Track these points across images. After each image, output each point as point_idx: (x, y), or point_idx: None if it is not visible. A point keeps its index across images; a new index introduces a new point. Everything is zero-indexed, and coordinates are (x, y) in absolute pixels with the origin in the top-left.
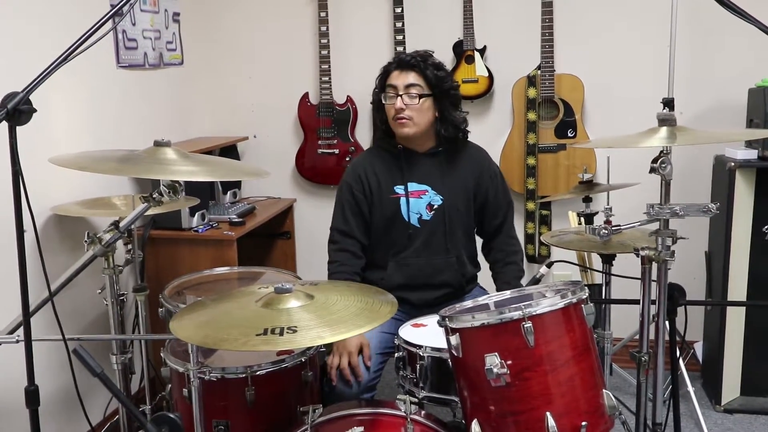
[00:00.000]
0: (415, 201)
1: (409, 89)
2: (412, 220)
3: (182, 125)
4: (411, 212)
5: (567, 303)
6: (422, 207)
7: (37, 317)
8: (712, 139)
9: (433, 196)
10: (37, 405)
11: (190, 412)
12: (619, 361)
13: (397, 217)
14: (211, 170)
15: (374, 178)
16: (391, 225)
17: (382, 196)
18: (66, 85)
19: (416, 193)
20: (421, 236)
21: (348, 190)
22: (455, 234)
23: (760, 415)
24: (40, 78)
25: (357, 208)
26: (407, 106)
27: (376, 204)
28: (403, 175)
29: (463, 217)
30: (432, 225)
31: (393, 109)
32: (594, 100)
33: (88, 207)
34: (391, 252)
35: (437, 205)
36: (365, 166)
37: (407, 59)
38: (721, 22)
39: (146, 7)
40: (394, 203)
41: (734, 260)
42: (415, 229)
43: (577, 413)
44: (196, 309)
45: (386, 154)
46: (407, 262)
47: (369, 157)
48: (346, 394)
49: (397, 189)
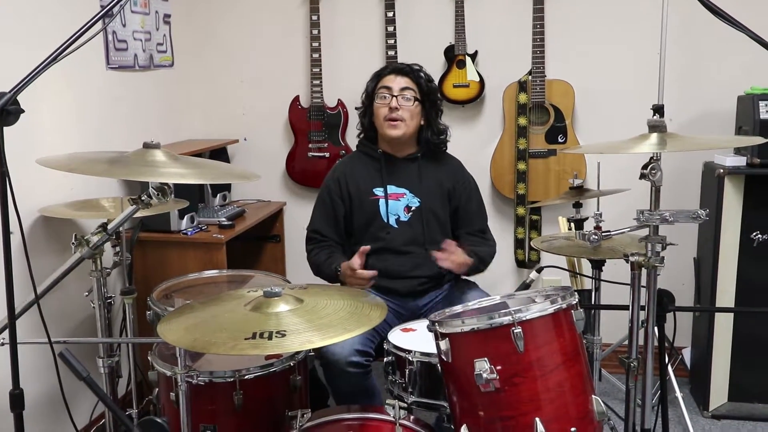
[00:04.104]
0: (393, 203)
1: (404, 92)
2: (390, 221)
3: (172, 127)
4: (390, 214)
5: (557, 308)
6: (400, 209)
7: (23, 320)
8: (702, 145)
9: (411, 198)
10: (22, 409)
11: (177, 417)
12: (608, 367)
13: (376, 217)
14: (201, 173)
15: (354, 182)
16: (371, 224)
17: (362, 198)
18: (55, 85)
19: (395, 195)
20: (399, 236)
21: (327, 193)
22: (433, 233)
23: (747, 421)
24: (29, 78)
25: (332, 211)
26: (401, 107)
27: (356, 205)
28: (383, 179)
29: (440, 219)
30: (409, 225)
31: (387, 108)
32: (584, 106)
33: (76, 209)
34: (373, 250)
35: (414, 207)
36: (346, 171)
37: (402, 66)
38: (711, 29)
39: (137, 9)
40: (374, 204)
41: (723, 266)
42: (393, 230)
43: (566, 419)
44: (185, 312)
45: (367, 158)
46: (386, 257)
47: (351, 162)
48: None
49: (377, 191)
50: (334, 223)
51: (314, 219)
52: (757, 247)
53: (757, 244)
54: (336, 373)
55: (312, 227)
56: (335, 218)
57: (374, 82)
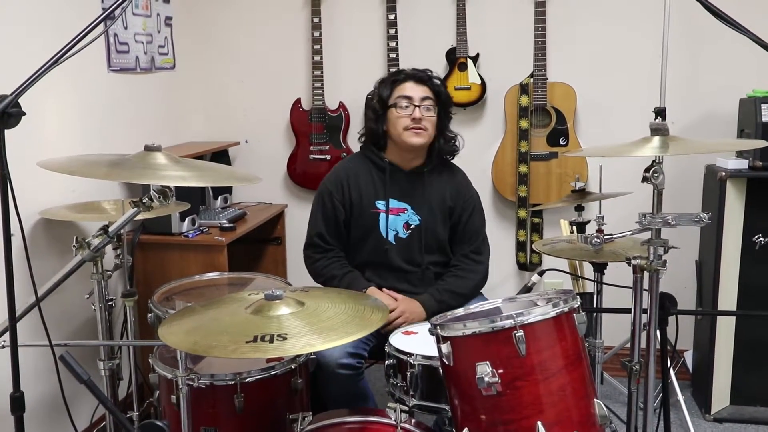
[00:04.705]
0: (393, 218)
1: (424, 101)
2: (389, 236)
3: (173, 130)
4: (389, 229)
5: (559, 312)
6: (399, 225)
7: (24, 322)
8: (704, 148)
9: (411, 215)
10: (23, 411)
11: (178, 419)
12: (610, 370)
13: (374, 231)
14: (202, 175)
15: (356, 189)
16: (368, 237)
17: (363, 208)
18: (56, 88)
19: (396, 210)
20: (397, 253)
21: (328, 196)
22: (431, 253)
23: (749, 425)
24: (30, 81)
25: (334, 216)
26: (424, 117)
27: (356, 215)
28: (386, 191)
29: (439, 239)
30: (408, 243)
31: (408, 119)
32: (586, 108)
33: (77, 211)
34: (368, 264)
35: (414, 225)
36: (349, 174)
37: (421, 74)
38: (713, 32)
39: (138, 11)
40: (374, 217)
41: (725, 270)
42: (391, 246)
43: (568, 423)
44: (186, 315)
45: (371, 165)
46: (381, 273)
47: (354, 165)
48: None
49: (378, 204)
50: (335, 227)
51: (316, 223)
52: (759, 250)
53: (759, 248)
54: (326, 376)
55: (316, 231)
56: (336, 223)
57: (389, 89)
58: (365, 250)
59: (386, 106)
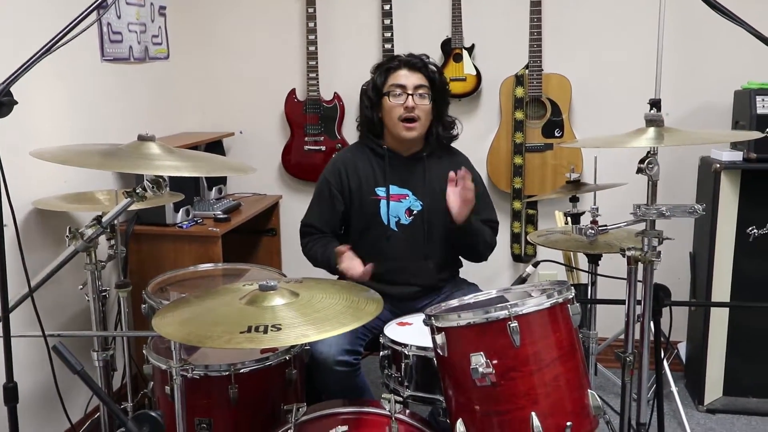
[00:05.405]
0: (395, 204)
1: (418, 90)
2: (390, 223)
3: (167, 120)
4: (390, 215)
5: (553, 303)
6: (401, 211)
7: (17, 313)
8: (699, 140)
9: (413, 201)
10: (16, 402)
11: (172, 410)
12: (603, 361)
13: (375, 218)
14: (196, 166)
15: (355, 177)
16: (370, 226)
17: (363, 196)
18: (49, 77)
19: (396, 196)
20: (399, 240)
21: (326, 185)
22: (434, 240)
23: (741, 415)
24: (22, 69)
25: (331, 206)
26: (417, 106)
27: (356, 203)
28: (386, 177)
29: (442, 223)
30: (410, 230)
31: (401, 108)
32: (581, 100)
33: (71, 201)
34: (369, 253)
35: (417, 210)
36: (347, 164)
37: (415, 61)
38: (709, 23)
39: (132, 0)
40: (374, 204)
41: (718, 261)
42: (393, 233)
43: (562, 413)
44: (180, 306)
45: (370, 153)
46: (383, 261)
47: (352, 155)
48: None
49: (379, 191)
50: (330, 217)
51: (309, 212)
52: (752, 242)
53: (753, 239)
54: (324, 372)
55: (306, 220)
56: (332, 212)
57: (383, 76)
58: (368, 242)
59: (380, 95)
